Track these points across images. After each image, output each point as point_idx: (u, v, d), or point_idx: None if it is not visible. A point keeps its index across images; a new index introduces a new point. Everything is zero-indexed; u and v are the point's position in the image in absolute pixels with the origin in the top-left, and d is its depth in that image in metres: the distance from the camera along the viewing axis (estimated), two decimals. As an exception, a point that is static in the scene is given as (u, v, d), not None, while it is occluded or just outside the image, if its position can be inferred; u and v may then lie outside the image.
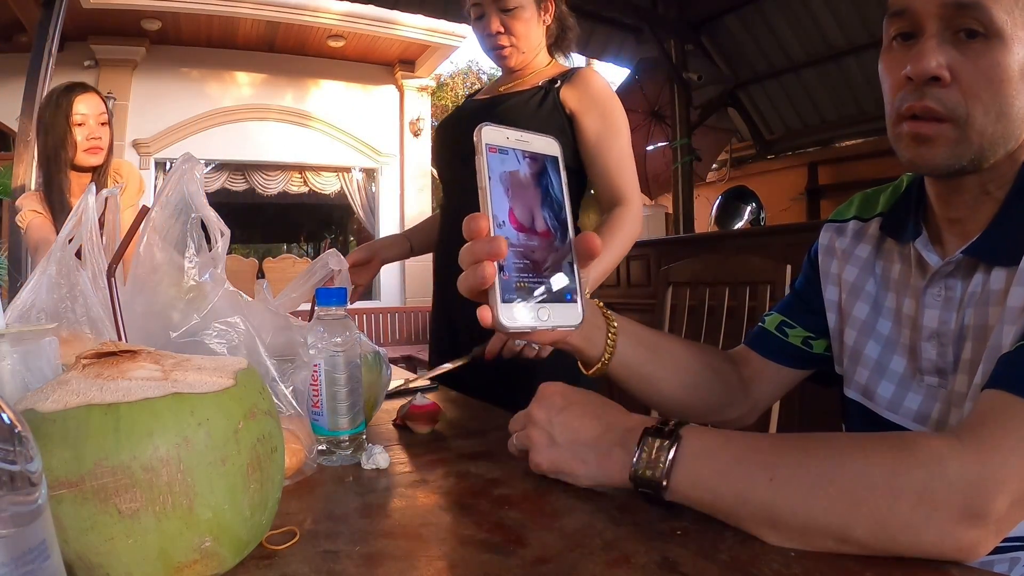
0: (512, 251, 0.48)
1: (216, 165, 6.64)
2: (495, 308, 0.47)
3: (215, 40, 6.35)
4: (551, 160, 0.53)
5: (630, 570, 0.40)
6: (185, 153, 0.69)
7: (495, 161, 0.48)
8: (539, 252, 0.49)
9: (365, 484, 0.60)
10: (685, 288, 1.54)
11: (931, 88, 0.53)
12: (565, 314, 0.50)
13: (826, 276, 0.73)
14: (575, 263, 0.51)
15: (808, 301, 0.75)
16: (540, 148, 0.52)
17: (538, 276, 0.49)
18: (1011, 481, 0.41)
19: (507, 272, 0.47)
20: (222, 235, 0.67)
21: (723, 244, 3.02)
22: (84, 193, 0.64)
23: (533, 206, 0.50)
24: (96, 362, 0.41)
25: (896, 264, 0.67)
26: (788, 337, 0.76)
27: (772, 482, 0.44)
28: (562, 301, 0.50)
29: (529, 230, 0.49)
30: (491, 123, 0.49)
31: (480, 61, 15.99)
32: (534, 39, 1.26)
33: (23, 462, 0.25)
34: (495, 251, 0.46)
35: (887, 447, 0.44)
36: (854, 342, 0.68)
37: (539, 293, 0.49)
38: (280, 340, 0.72)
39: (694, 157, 4.41)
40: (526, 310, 0.48)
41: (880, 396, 0.65)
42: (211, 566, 0.39)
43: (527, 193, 0.50)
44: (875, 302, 0.68)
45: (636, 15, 4.15)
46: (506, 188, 0.49)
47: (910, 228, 0.64)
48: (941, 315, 0.60)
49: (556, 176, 0.52)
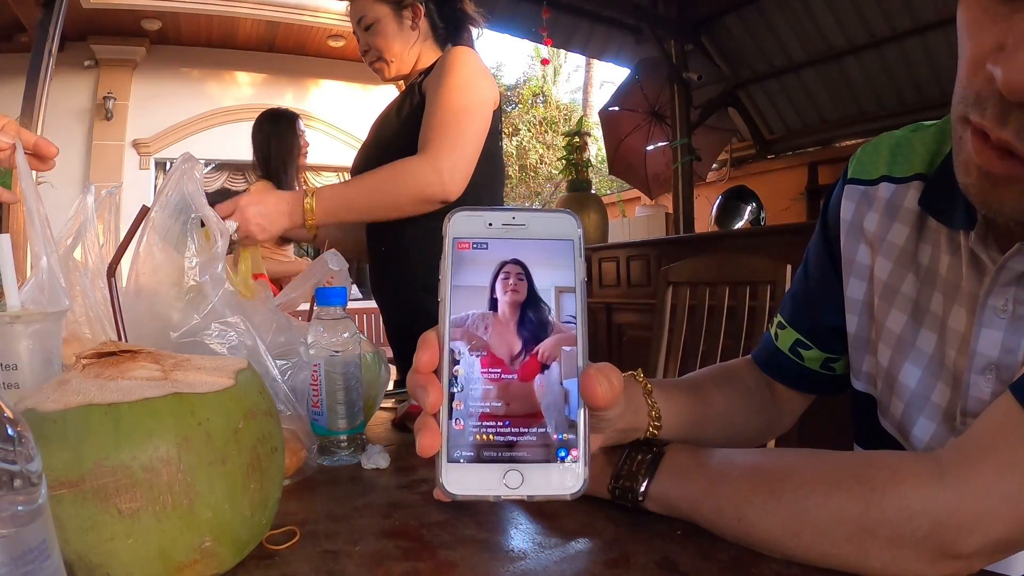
0: (474, 387, 0.35)
1: (216, 165, 6.63)
2: (439, 468, 0.34)
3: (215, 40, 6.35)
4: (558, 249, 0.36)
5: (630, 570, 0.40)
6: (185, 153, 0.69)
7: (465, 262, 0.36)
8: (517, 390, 0.35)
9: (365, 484, 0.60)
10: (685, 288, 1.54)
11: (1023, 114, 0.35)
12: (553, 479, 0.34)
13: (850, 266, 0.57)
14: (581, 404, 0.35)
15: (823, 294, 0.60)
16: (545, 231, 0.36)
17: (514, 424, 0.34)
18: (988, 521, 0.36)
19: (460, 417, 0.34)
20: (222, 235, 0.67)
21: (723, 244, 3.02)
22: (84, 193, 0.64)
23: (513, 325, 0.36)
24: (96, 362, 0.41)
25: (944, 255, 0.50)
26: (804, 361, 0.63)
27: (740, 523, 0.43)
28: (550, 460, 0.34)
29: (503, 360, 0.35)
30: (466, 208, 0.36)
31: (480, 61, 15.94)
32: (399, 48, 1.26)
33: (23, 462, 0.25)
34: (428, 402, 0.34)
35: (858, 482, 0.39)
36: (889, 362, 0.53)
37: (510, 449, 0.34)
38: (280, 340, 0.72)
39: (694, 157, 4.41)
40: (486, 474, 0.34)
41: (916, 438, 0.51)
42: (211, 566, 0.39)
43: (510, 306, 0.36)
44: (916, 307, 0.52)
45: (636, 15, 4.15)
46: (473, 299, 0.36)
47: (962, 213, 0.47)
48: (1005, 340, 0.44)
49: (566, 274, 0.36)
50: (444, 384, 0.35)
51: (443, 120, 1.10)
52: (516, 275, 0.36)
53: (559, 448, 0.35)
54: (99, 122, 6.00)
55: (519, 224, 0.36)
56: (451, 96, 1.11)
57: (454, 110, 1.11)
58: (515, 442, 0.34)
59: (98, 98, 5.98)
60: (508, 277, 0.36)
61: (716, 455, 0.47)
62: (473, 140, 1.12)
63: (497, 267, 0.36)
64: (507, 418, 0.35)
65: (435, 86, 1.14)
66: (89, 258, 0.64)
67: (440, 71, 1.16)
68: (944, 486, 0.37)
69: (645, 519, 0.48)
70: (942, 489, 0.37)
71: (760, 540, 0.42)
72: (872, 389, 0.57)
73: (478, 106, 1.14)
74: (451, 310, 0.35)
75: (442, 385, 0.35)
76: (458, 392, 0.35)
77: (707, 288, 1.49)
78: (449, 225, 0.36)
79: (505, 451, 0.34)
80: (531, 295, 0.36)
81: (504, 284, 0.36)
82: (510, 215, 0.37)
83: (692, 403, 0.56)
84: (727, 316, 1.41)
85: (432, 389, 0.34)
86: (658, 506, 0.47)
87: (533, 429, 0.35)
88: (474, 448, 0.34)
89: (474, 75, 1.15)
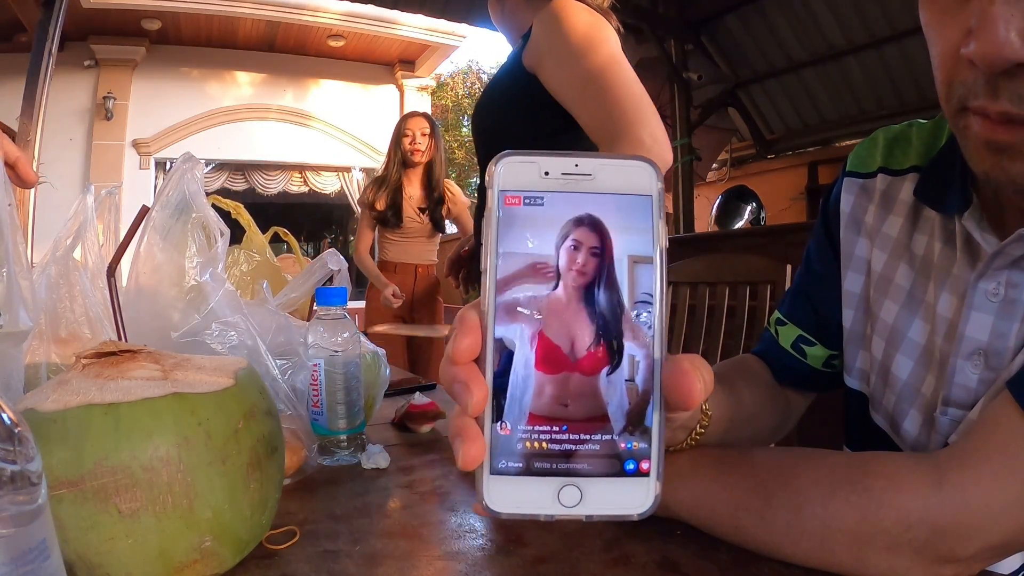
0: (525, 382, 0.28)
1: (216, 165, 6.64)
2: (480, 480, 0.28)
3: (215, 40, 6.35)
4: (633, 207, 0.29)
5: (630, 570, 0.40)
6: (185, 153, 0.69)
7: (515, 221, 0.29)
8: (579, 387, 0.28)
9: (365, 484, 0.60)
10: (685, 288, 1.54)
11: (1010, 82, 0.35)
12: (617, 496, 0.28)
13: (848, 260, 0.57)
14: (658, 405, 0.28)
15: (827, 288, 0.59)
16: (616, 184, 0.29)
17: (573, 430, 0.28)
18: (987, 529, 0.36)
19: (507, 421, 0.28)
20: (222, 235, 0.67)
21: (723, 244, 3.02)
22: (83, 193, 0.64)
23: (576, 303, 0.29)
24: (96, 362, 0.41)
25: (936, 243, 0.50)
26: (807, 359, 0.61)
27: (738, 530, 0.43)
28: (615, 474, 0.28)
29: (562, 351, 0.28)
30: (516, 152, 0.29)
31: (480, 61, 15.97)
32: (497, 10, 1.17)
33: (23, 462, 0.25)
34: (470, 401, 0.27)
35: (854, 491, 0.39)
36: (883, 354, 0.53)
37: (567, 460, 0.28)
38: (280, 340, 0.72)
39: (694, 157, 4.41)
40: (537, 489, 0.28)
41: (907, 431, 0.50)
42: (211, 566, 0.39)
43: (576, 280, 0.28)
44: (909, 297, 0.51)
45: (636, 15, 4.14)
46: (525, 270, 0.28)
47: (956, 197, 0.47)
48: (996, 324, 0.43)
49: (643, 240, 0.29)
50: (488, 378, 0.28)
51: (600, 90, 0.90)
52: (588, 245, 0.29)
53: (627, 459, 0.28)
54: (99, 122, 6.01)
55: (583, 174, 0.29)
56: (587, 60, 0.92)
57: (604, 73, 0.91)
58: (574, 451, 0.28)
59: (98, 98, 5.98)
60: (578, 247, 0.28)
61: (710, 456, 0.46)
62: (641, 89, 0.93)
63: (562, 229, 0.28)
64: (565, 422, 0.28)
65: (557, 59, 0.95)
66: (89, 258, 0.64)
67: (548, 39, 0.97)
68: (942, 495, 0.37)
69: (645, 519, 0.48)
70: (940, 498, 0.37)
71: (757, 547, 0.42)
72: (864, 387, 0.57)
73: (618, 53, 0.95)
74: (498, 284, 0.28)
75: (486, 380, 0.28)
76: (505, 389, 0.28)
77: (707, 288, 1.49)
78: (495, 173, 0.29)
79: (561, 462, 0.28)
80: (603, 267, 0.28)
81: (571, 255, 0.28)
82: (571, 162, 0.29)
83: (728, 402, 0.50)
84: (727, 316, 1.41)
85: (475, 385, 0.27)
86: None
87: (596, 436, 0.28)
88: (523, 458, 0.28)
89: (588, 23, 0.96)
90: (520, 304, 0.28)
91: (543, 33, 0.98)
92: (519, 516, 0.28)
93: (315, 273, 0.78)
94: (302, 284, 0.79)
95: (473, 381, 0.27)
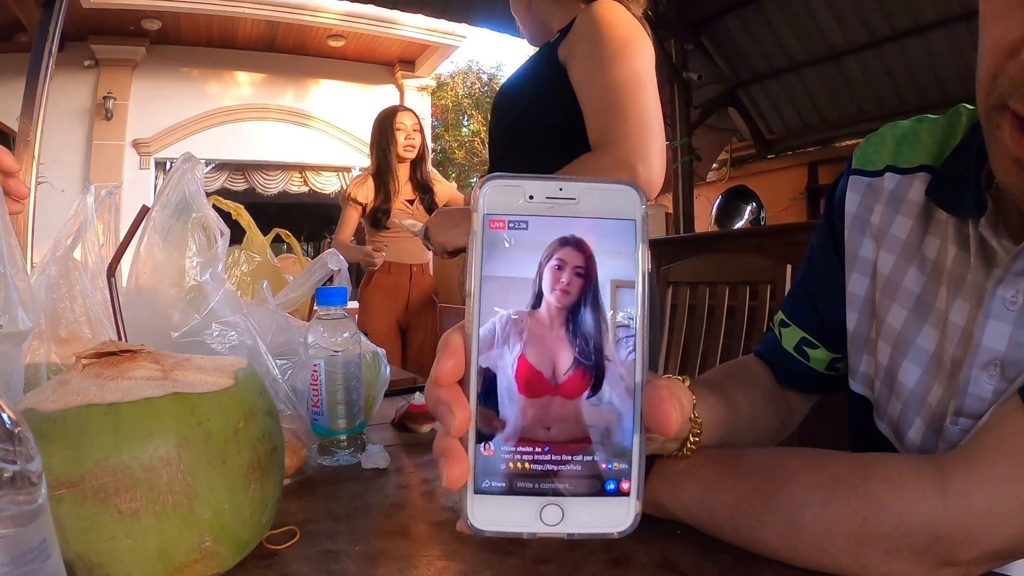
0: (508, 405, 0.29)
1: (216, 165, 6.63)
2: (464, 499, 0.29)
3: (215, 40, 6.35)
4: (616, 231, 0.29)
5: (630, 570, 0.41)
6: (185, 153, 0.69)
7: (499, 244, 0.29)
8: (561, 410, 0.29)
9: (365, 484, 0.60)
10: (685, 288, 1.54)
11: None
12: (598, 515, 0.29)
13: (853, 261, 0.55)
14: (638, 428, 0.29)
15: (831, 289, 0.57)
16: (600, 208, 0.29)
17: (555, 451, 0.29)
18: (989, 535, 0.36)
19: (491, 444, 0.29)
20: (222, 235, 0.67)
21: (723, 244, 3.02)
22: (83, 193, 0.64)
23: (559, 327, 0.29)
24: (96, 362, 0.41)
25: (951, 246, 0.47)
26: (810, 362, 0.60)
27: (737, 532, 0.42)
28: (596, 493, 0.29)
29: (544, 375, 0.29)
30: (501, 175, 0.29)
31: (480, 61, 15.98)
32: (523, 8, 1.19)
33: (23, 462, 0.25)
34: (453, 423, 0.28)
35: (854, 494, 0.38)
36: (888, 360, 0.51)
37: (550, 480, 0.29)
38: (280, 340, 0.72)
39: (694, 157, 4.40)
40: (520, 508, 0.29)
41: (910, 440, 0.49)
42: (211, 566, 0.39)
43: (559, 303, 0.29)
44: (919, 302, 0.49)
45: (636, 15, 4.14)
46: (509, 293, 0.29)
47: (971, 200, 0.45)
48: (1015, 334, 0.42)
49: (626, 264, 0.29)
50: (472, 400, 0.29)
51: (615, 102, 0.92)
52: (572, 265, 0.29)
53: (608, 479, 0.29)
54: (99, 122, 6.01)
55: (567, 198, 0.29)
56: (614, 69, 0.93)
57: (624, 86, 0.92)
58: (556, 472, 0.29)
59: (98, 98, 5.98)
60: (562, 267, 0.29)
61: (710, 457, 0.46)
62: (655, 114, 0.94)
63: (546, 253, 0.29)
64: (547, 443, 0.29)
65: (586, 57, 0.96)
66: (89, 258, 0.64)
67: (586, 36, 0.98)
68: (945, 499, 0.36)
69: (645, 519, 0.48)
70: (943, 503, 0.36)
71: (756, 549, 0.42)
72: (868, 392, 0.55)
73: (645, 72, 0.96)
74: (482, 307, 0.29)
75: (469, 402, 0.29)
76: (489, 411, 0.29)
77: (707, 288, 1.49)
78: (480, 196, 0.29)
79: (543, 482, 0.29)
80: (586, 291, 0.29)
81: (555, 275, 0.29)
82: (555, 185, 0.29)
83: (721, 408, 0.50)
84: (727, 316, 1.41)
85: (457, 407, 0.28)
86: (653, 510, 0.47)
87: (578, 457, 0.29)
88: (506, 478, 0.29)
89: (629, 34, 0.96)
90: (503, 328, 0.29)
91: (583, 29, 1.00)
92: (502, 534, 0.29)
93: (315, 273, 0.78)
94: (302, 284, 0.79)
95: (456, 403, 0.28)
